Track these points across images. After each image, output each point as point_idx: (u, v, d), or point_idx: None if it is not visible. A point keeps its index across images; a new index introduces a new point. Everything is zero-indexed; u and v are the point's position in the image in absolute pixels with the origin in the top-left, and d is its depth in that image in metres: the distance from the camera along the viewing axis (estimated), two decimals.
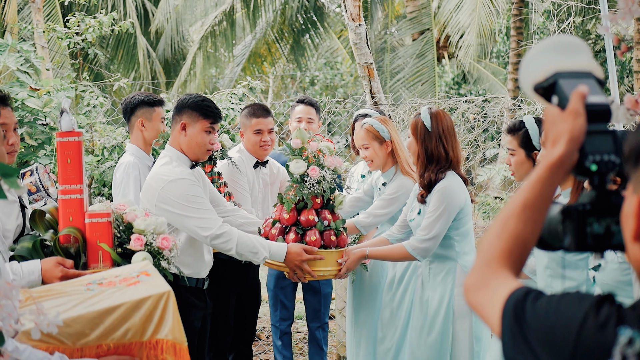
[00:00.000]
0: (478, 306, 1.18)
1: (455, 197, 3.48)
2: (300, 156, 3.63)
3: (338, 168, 3.70)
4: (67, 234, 2.67)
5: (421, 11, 13.07)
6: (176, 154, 3.44)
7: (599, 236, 1.16)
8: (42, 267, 2.55)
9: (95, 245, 2.67)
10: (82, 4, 8.08)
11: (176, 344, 2.13)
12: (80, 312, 2.08)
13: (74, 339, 2.04)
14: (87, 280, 2.32)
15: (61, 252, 2.66)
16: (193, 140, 3.41)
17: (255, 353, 5.69)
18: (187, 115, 3.43)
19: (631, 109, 1.66)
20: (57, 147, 2.74)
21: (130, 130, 4.12)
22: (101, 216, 2.69)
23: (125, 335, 2.09)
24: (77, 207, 2.71)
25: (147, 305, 2.11)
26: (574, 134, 1.19)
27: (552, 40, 1.31)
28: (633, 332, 0.95)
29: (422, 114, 3.54)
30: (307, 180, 3.56)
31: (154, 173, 3.42)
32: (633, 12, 1.69)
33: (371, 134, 3.93)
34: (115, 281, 2.27)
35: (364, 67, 5.34)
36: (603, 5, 3.77)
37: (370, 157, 3.96)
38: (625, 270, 2.52)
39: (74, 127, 2.74)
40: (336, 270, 3.66)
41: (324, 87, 19.18)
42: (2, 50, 4.72)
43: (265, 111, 4.31)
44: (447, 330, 3.53)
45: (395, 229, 3.81)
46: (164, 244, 2.78)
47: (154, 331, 2.11)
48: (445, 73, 17.18)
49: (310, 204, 3.59)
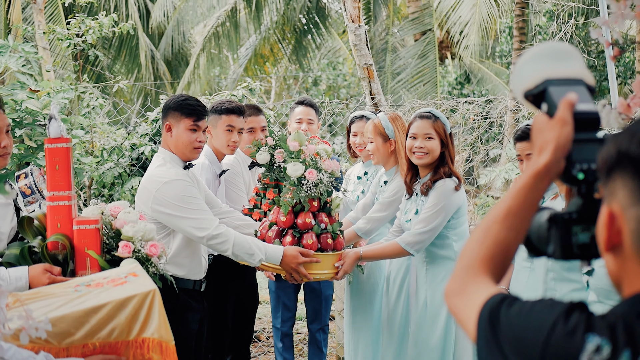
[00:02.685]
0: (456, 311, 1.18)
1: (454, 195, 3.51)
2: (297, 159, 3.62)
3: (335, 171, 3.70)
4: (55, 240, 2.65)
5: (423, 12, 13.06)
6: (169, 155, 3.46)
7: (584, 245, 1.16)
8: (29, 274, 2.54)
9: (83, 252, 2.66)
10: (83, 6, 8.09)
11: (162, 342, 2.13)
12: (65, 311, 2.08)
13: (60, 339, 2.04)
14: (75, 282, 2.32)
15: (49, 259, 2.64)
16: (179, 140, 3.43)
17: (254, 354, 5.69)
18: (170, 116, 3.46)
19: (623, 113, 1.65)
20: (45, 153, 2.73)
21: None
22: (89, 223, 2.68)
23: (111, 335, 2.09)
24: (65, 213, 2.69)
25: (133, 304, 2.11)
26: (560, 142, 1.18)
27: (543, 46, 1.30)
28: (601, 339, 0.95)
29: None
30: (305, 183, 3.56)
31: (149, 175, 3.43)
32: (625, 16, 1.68)
33: (377, 129, 3.96)
34: (103, 282, 2.27)
35: (364, 68, 5.33)
36: (602, 7, 3.76)
37: (373, 151, 3.99)
38: None
39: (62, 133, 2.73)
40: (333, 273, 3.66)
41: (326, 87, 19.18)
42: (3, 52, 4.73)
43: (256, 110, 4.35)
44: (450, 331, 3.54)
45: (391, 235, 3.82)
46: (152, 250, 2.76)
47: (140, 330, 2.11)
48: (448, 73, 17.17)
49: (307, 206, 3.58)
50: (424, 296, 3.65)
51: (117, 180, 5.26)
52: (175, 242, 3.43)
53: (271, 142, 3.77)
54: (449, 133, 3.65)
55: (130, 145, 5.33)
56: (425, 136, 3.57)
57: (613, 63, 3.09)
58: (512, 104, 6.97)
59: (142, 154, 5.29)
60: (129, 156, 5.33)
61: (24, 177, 3.14)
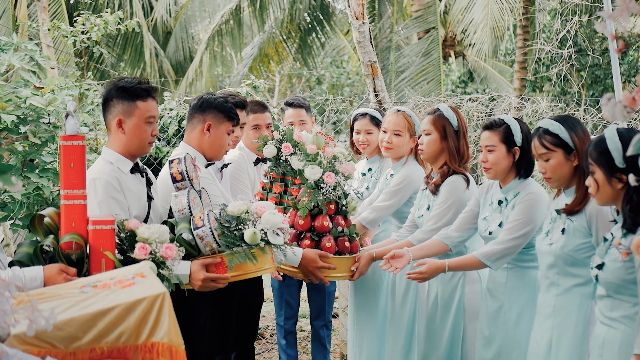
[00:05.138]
0: None
1: (465, 192, 3.54)
2: (314, 162, 3.64)
3: (351, 173, 3.73)
4: (70, 240, 2.60)
5: (427, 10, 13.04)
6: (193, 153, 3.43)
7: None
8: (44, 274, 2.49)
9: (99, 253, 2.60)
10: (88, 3, 8.11)
11: (172, 347, 2.07)
12: (72, 314, 2.03)
13: (66, 343, 2.00)
14: (81, 282, 2.27)
15: (63, 259, 2.59)
16: (216, 141, 3.42)
17: (258, 351, 5.70)
18: (212, 116, 3.42)
19: (628, 106, 1.64)
20: (60, 150, 2.68)
21: None
22: (105, 223, 2.62)
23: (120, 339, 2.04)
24: (79, 212, 2.63)
25: (142, 307, 2.06)
26: None
27: None
28: None
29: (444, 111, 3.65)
30: (323, 187, 3.57)
31: (167, 172, 3.39)
32: (630, 9, 1.67)
33: (408, 124, 3.99)
34: (109, 283, 2.22)
35: (368, 66, 5.33)
36: (607, 2, 3.76)
37: (395, 144, 3.98)
38: (630, 269, 2.51)
39: (78, 130, 2.69)
40: (348, 275, 3.69)
41: (330, 85, 19.18)
42: (7, 49, 4.74)
43: (261, 106, 4.34)
44: (459, 326, 3.57)
45: (404, 230, 3.83)
46: (168, 253, 2.72)
47: (149, 334, 2.06)
48: (452, 72, 17.15)
49: (325, 210, 3.60)
50: (435, 292, 3.66)
51: None
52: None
53: (277, 137, 3.77)
54: (455, 129, 3.65)
55: None
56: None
57: (617, 57, 3.08)
58: (515, 102, 6.96)
59: None
60: None
61: (177, 162, 3.11)
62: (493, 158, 3.32)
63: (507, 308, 3.34)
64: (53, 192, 4.53)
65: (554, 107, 6.50)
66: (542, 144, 2.98)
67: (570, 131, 2.95)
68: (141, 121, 3.04)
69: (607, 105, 1.66)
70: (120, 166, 3.05)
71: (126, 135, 3.05)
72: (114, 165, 3.04)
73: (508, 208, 3.33)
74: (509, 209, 3.32)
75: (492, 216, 3.39)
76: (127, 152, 3.08)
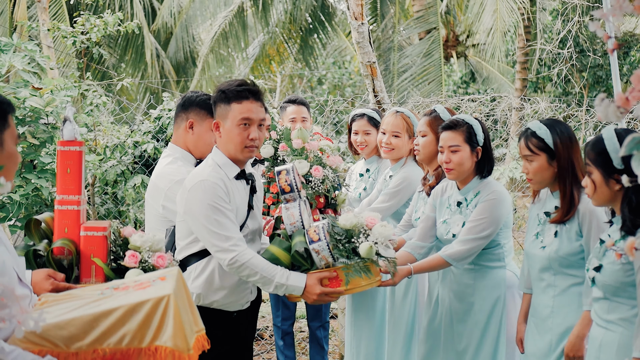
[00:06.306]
0: None
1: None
2: (301, 156, 3.62)
3: (339, 166, 3.70)
4: (62, 245, 2.59)
5: (428, 10, 13.03)
6: (180, 153, 3.39)
7: None
8: (32, 279, 2.46)
9: (89, 259, 2.59)
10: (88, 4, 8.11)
11: (176, 351, 2.01)
12: (76, 314, 2.02)
13: (68, 342, 1.99)
14: (106, 285, 2.27)
15: (54, 264, 2.58)
16: (200, 139, 3.36)
17: (257, 352, 5.69)
18: (194, 114, 3.37)
19: (621, 107, 1.63)
20: (57, 155, 2.67)
21: None
22: (97, 230, 2.61)
23: (122, 341, 2.01)
24: (73, 218, 2.63)
25: (145, 309, 2.02)
26: None
27: None
28: None
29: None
30: (312, 180, 3.55)
31: (160, 172, 3.35)
32: (624, 9, 1.66)
33: (407, 125, 3.97)
34: (130, 286, 2.20)
35: (367, 66, 5.32)
36: (605, 3, 3.75)
37: (394, 145, 3.96)
38: (628, 272, 2.49)
39: (76, 136, 2.67)
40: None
41: (332, 86, 19.19)
42: (8, 50, 4.74)
43: None
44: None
45: (398, 230, 3.81)
46: (160, 262, 2.67)
47: (153, 337, 2.02)
48: (454, 72, 17.14)
49: (314, 203, 3.57)
50: (436, 293, 3.64)
51: (120, 177, 5.26)
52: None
53: (275, 136, 3.76)
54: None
55: (133, 143, 5.34)
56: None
57: (615, 56, 3.07)
58: (516, 102, 6.95)
59: (144, 152, 5.29)
60: (131, 154, 5.34)
61: (284, 173, 3.07)
62: (457, 158, 3.30)
63: (477, 309, 3.35)
64: (52, 193, 4.53)
65: (555, 107, 6.49)
66: (527, 146, 2.99)
67: (556, 137, 2.95)
68: (233, 124, 2.97)
69: (600, 105, 1.65)
70: (227, 171, 3.00)
71: (222, 139, 3.01)
72: (221, 170, 2.99)
73: (469, 208, 3.32)
74: (470, 209, 3.31)
75: (453, 218, 3.37)
76: (229, 156, 3.02)
